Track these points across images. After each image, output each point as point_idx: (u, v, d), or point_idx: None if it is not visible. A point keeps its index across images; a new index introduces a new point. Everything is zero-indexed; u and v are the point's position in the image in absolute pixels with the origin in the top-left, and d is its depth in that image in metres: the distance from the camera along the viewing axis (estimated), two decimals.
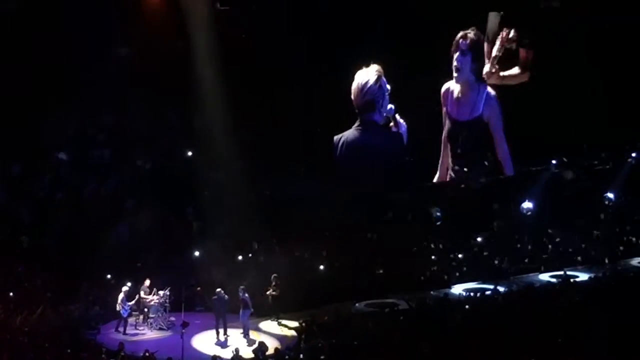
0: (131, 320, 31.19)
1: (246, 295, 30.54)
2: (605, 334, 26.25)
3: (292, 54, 35.62)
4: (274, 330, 31.63)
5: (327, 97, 34.68)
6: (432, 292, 35.92)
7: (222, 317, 30.48)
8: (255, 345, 27.42)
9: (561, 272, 38.59)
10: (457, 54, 21.97)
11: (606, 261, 40.99)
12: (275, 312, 32.65)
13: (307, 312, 32.24)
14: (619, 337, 25.87)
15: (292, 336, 30.47)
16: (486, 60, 22.54)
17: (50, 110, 35.83)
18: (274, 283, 31.48)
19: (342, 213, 38.47)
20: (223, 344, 29.95)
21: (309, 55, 35.21)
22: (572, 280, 37.23)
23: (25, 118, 35.59)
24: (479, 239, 41.04)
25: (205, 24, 35.50)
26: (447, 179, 25.16)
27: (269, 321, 32.33)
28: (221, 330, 30.47)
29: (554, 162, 43.02)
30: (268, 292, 32.51)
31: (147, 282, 31.80)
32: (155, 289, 31.63)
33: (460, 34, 22.20)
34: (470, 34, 22.07)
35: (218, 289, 30.71)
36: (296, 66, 35.92)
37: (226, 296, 30.55)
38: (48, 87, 34.96)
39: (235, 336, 30.52)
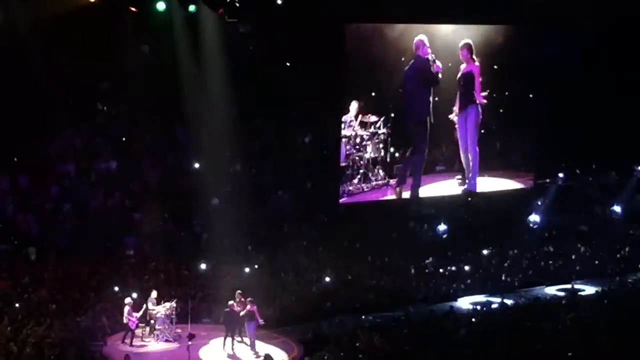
0: (138, 332, 31.18)
1: (254, 307, 30.48)
2: (613, 347, 26.36)
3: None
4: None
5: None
6: (438, 305, 35.86)
7: (231, 331, 30.38)
8: (262, 358, 27.43)
9: (568, 286, 38.53)
10: None
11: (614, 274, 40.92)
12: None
13: (313, 324, 32.23)
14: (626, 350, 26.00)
15: (298, 349, 30.44)
16: None
17: (57, 123, 35.91)
18: (237, 299, 31.00)
19: (348, 226, 38.67)
20: (230, 357, 29.94)
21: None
22: (578, 293, 37.20)
23: (32, 130, 35.72)
24: (484, 252, 40.98)
25: (215, 39, 35.79)
26: None
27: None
28: (228, 342, 30.39)
29: (561, 175, 43.25)
30: (231, 303, 31.04)
31: (154, 294, 31.81)
32: (162, 301, 31.64)
33: None
34: None
35: (230, 302, 30.64)
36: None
37: (239, 309, 30.44)
38: (54, 99, 35.07)
39: (241, 348, 30.49)
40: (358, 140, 34.46)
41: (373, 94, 34.55)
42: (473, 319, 32.14)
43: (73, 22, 33.95)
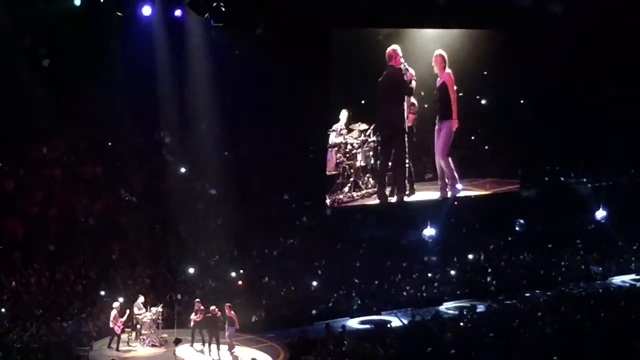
0: (124, 336, 31.13)
1: (232, 312, 30.52)
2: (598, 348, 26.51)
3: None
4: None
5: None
6: (424, 310, 35.94)
7: (214, 335, 30.41)
8: None
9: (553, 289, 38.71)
10: None
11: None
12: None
13: (299, 329, 32.26)
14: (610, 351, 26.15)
15: (285, 353, 30.46)
16: None
17: (42, 125, 35.82)
18: (196, 307, 30.90)
19: (334, 229, 38.71)
20: None
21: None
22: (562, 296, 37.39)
23: (16, 134, 35.64)
24: (470, 256, 41.14)
25: (201, 41, 35.79)
26: None
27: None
28: (213, 347, 30.40)
29: (546, 178, 43.41)
30: (192, 318, 30.82)
31: (141, 299, 31.76)
32: (148, 306, 31.60)
33: None
34: None
35: (212, 307, 30.62)
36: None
37: (219, 314, 30.45)
38: (40, 102, 35.00)
39: (222, 353, 30.49)
40: (348, 148, 34.39)
41: (362, 102, 34.51)
42: (461, 323, 32.25)
43: (59, 25, 33.88)
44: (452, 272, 39.83)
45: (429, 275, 39.33)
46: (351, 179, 34.48)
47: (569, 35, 36.87)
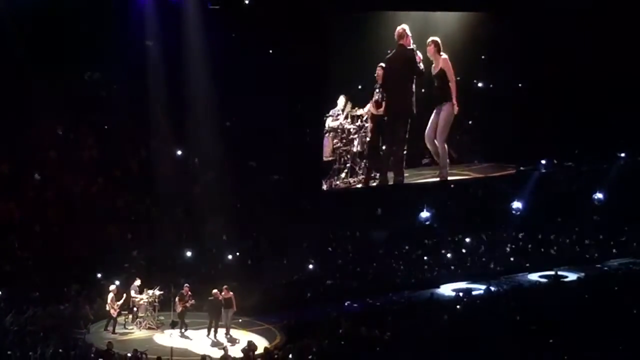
0: (120, 319, 31.19)
1: (230, 293, 30.59)
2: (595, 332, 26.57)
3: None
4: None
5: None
6: (420, 292, 35.97)
7: (215, 318, 30.48)
8: (245, 345, 27.49)
9: (551, 272, 38.68)
10: None
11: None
12: (180, 324, 30.70)
13: (295, 311, 32.28)
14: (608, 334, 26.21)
15: (281, 336, 30.51)
16: None
17: (39, 109, 35.75)
18: (184, 292, 30.88)
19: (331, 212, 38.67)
20: (213, 344, 29.98)
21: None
22: (561, 280, 37.40)
23: (13, 117, 35.55)
24: (467, 239, 41.18)
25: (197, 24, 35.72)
26: None
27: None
28: (212, 330, 30.50)
29: (543, 162, 43.38)
30: (180, 303, 30.82)
31: (138, 282, 31.76)
32: (145, 289, 31.61)
33: None
34: None
35: (214, 290, 30.66)
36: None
37: (220, 297, 30.50)
38: (36, 85, 34.93)
39: (221, 336, 30.57)
40: (345, 134, 34.22)
41: (360, 87, 34.33)
42: (457, 306, 32.29)
43: (55, 8, 33.81)
44: (449, 255, 39.85)
45: (425, 258, 39.36)
46: (348, 165, 34.33)
47: (566, 18, 36.86)
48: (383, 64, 32.99)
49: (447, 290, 36.98)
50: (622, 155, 45.19)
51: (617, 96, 40.81)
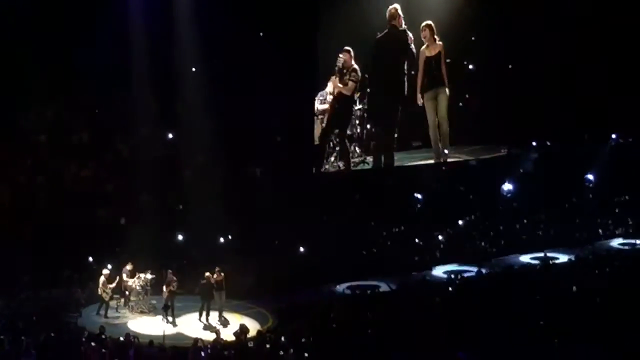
0: (112, 303, 31.20)
1: (222, 276, 30.67)
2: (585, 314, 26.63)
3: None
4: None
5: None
6: (413, 274, 36.05)
7: (207, 301, 30.55)
8: (237, 328, 27.52)
9: (541, 254, 38.78)
10: None
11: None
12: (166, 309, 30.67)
13: (287, 295, 32.32)
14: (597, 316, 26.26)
15: (273, 319, 30.57)
16: None
17: (29, 92, 35.64)
18: (168, 278, 30.93)
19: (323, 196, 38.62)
20: (205, 327, 30.02)
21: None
22: (551, 262, 37.47)
23: (3, 101, 35.43)
24: (460, 222, 41.25)
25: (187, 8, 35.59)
26: None
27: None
28: (204, 313, 30.55)
29: (534, 144, 43.37)
30: (167, 288, 30.85)
31: (129, 266, 31.77)
32: (136, 272, 31.63)
33: None
34: None
35: (207, 273, 30.71)
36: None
37: (213, 280, 30.56)
38: (26, 69, 34.81)
39: (214, 319, 30.62)
40: None
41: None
42: (450, 288, 32.35)
43: None
44: (441, 237, 39.92)
45: (417, 240, 39.41)
46: (337, 148, 34.09)
47: None
48: (348, 48, 32.57)
49: (439, 272, 37.07)
50: (614, 136, 45.20)
51: (610, 77, 40.73)
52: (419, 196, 39.69)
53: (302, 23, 34.27)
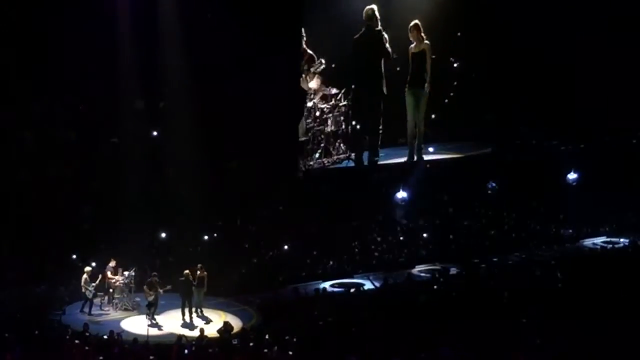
0: (96, 301, 31.16)
1: (204, 273, 30.69)
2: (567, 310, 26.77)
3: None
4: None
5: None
6: (396, 273, 36.08)
7: (188, 299, 30.55)
8: (221, 326, 27.55)
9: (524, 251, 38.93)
10: None
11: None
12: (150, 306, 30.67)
13: (271, 292, 32.33)
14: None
15: (257, 317, 30.59)
16: None
17: (14, 89, 35.49)
18: (153, 282, 30.91)
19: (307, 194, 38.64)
20: (189, 325, 30.02)
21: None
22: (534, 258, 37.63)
23: None
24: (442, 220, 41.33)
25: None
26: None
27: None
28: (187, 311, 30.54)
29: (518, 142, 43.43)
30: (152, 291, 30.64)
31: (113, 263, 31.74)
32: (120, 270, 31.59)
33: None
34: None
35: (186, 271, 30.71)
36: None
37: (191, 277, 30.58)
38: (11, 66, 34.67)
39: (197, 316, 30.64)
40: (318, 113, 33.88)
41: (333, 65, 34.07)
42: (434, 286, 32.40)
43: None
44: (425, 235, 39.98)
45: (402, 238, 39.46)
46: (322, 145, 34.05)
47: None
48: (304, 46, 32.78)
49: (423, 270, 37.12)
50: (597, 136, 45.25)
51: (594, 75, 40.75)
52: (405, 193, 39.61)
53: (286, 18, 34.25)
